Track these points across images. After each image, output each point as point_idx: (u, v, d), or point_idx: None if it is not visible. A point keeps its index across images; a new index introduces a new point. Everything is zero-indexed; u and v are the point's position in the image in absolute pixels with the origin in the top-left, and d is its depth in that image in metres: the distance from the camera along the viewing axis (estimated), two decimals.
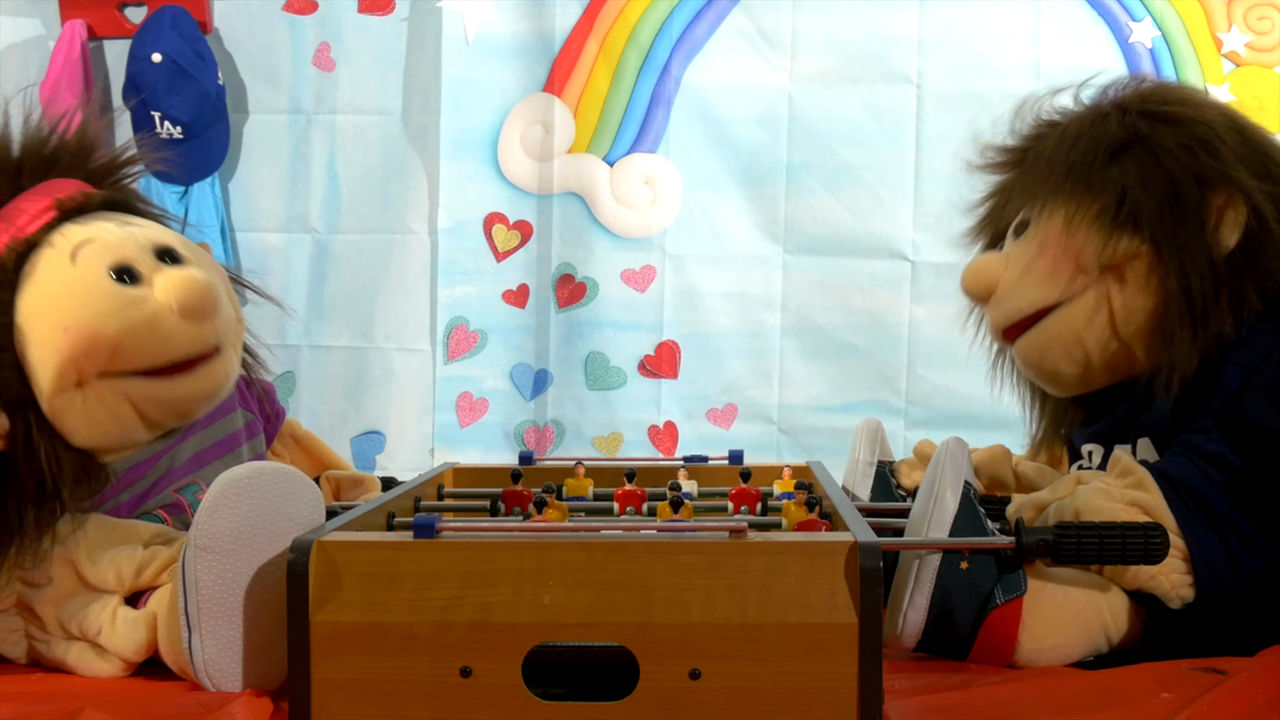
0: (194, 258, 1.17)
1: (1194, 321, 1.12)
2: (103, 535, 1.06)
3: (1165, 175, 1.15)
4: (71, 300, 1.08)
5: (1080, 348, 1.19)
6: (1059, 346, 1.20)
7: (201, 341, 1.11)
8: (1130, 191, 1.15)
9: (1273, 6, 2.16)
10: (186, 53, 2.15)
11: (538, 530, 0.92)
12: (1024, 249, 1.22)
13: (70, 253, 1.10)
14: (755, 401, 2.23)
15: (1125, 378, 1.20)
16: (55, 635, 1.05)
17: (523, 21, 2.23)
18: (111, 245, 1.11)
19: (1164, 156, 1.15)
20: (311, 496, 0.96)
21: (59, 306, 1.07)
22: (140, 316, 1.08)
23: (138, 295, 1.09)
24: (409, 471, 1.88)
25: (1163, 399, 1.13)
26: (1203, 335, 1.12)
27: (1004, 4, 2.18)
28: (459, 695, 0.85)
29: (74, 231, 1.12)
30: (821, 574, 0.85)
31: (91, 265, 1.09)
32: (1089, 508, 1.04)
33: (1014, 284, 1.22)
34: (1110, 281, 1.17)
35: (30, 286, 1.08)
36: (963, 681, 0.96)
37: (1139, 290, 1.16)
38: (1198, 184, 1.14)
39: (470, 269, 2.25)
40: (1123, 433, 1.19)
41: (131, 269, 1.10)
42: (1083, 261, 1.17)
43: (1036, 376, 1.27)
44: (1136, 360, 1.18)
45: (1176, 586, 1.04)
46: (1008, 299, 1.22)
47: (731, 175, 2.22)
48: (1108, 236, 1.16)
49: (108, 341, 1.07)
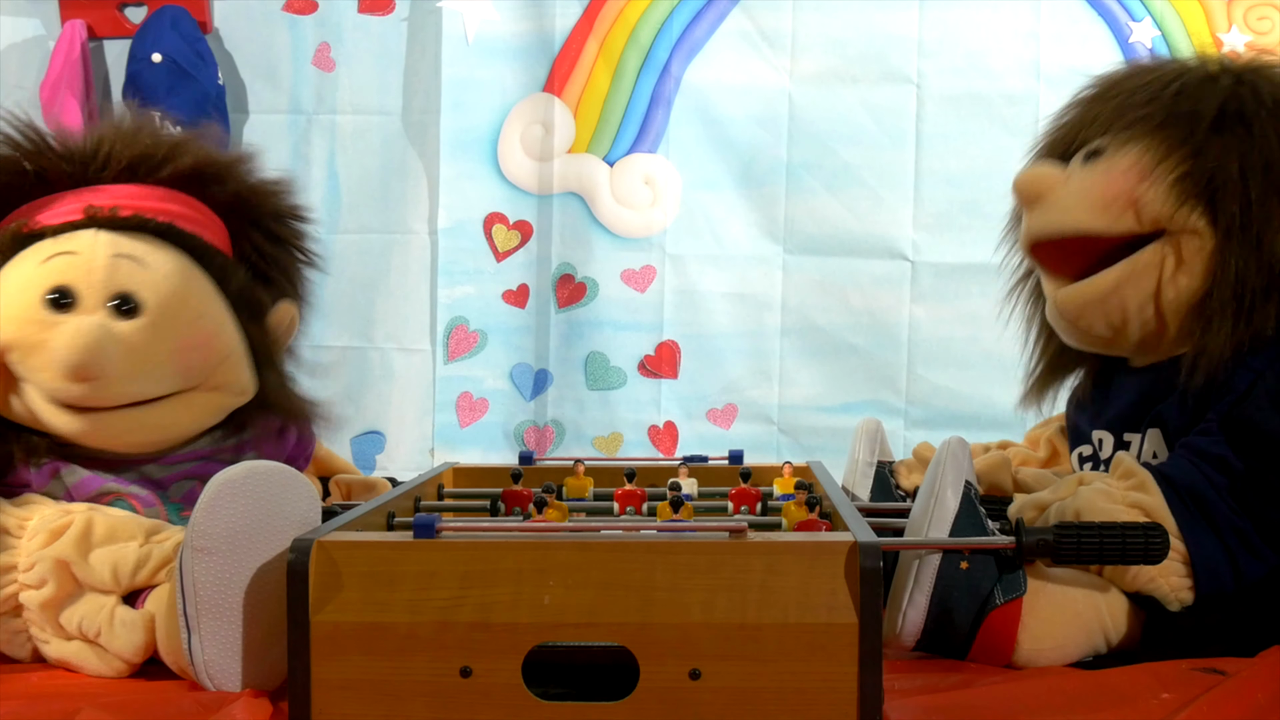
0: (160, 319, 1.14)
1: (1238, 314, 1.11)
2: (93, 533, 1.05)
3: (1262, 164, 1.13)
4: (6, 292, 1.13)
5: (1120, 313, 1.18)
6: (1100, 310, 1.19)
7: (70, 395, 1.12)
8: (1223, 170, 1.13)
9: (1273, 6, 2.16)
10: (186, 53, 2.15)
11: (538, 530, 0.92)
12: (1089, 172, 1.19)
13: (49, 255, 1.14)
14: (755, 401, 2.23)
15: (1149, 356, 1.20)
16: (55, 636, 1.05)
17: (523, 21, 2.23)
18: (76, 267, 1.13)
19: (1263, 143, 1.13)
20: (307, 495, 0.95)
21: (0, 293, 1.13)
22: (31, 338, 1.11)
23: (46, 320, 1.11)
24: (409, 471, 1.88)
25: (1186, 383, 1.12)
26: (1241, 330, 1.11)
27: (1004, 4, 2.18)
28: (459, 695, 0.85)
29: (77, 239, 1.15)
30: (821, 574, 0.85)
31: (44, 275, 1.13)
32: (1090, 508, 1.04)
33: (1064, 199, 1.19)
34: (1167, 252, 1.15)
35: (9, 266, 1.15)
36: (962, 681, 0.96)
37: (1192, 274, 1.14)
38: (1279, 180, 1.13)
39: (470, 269, 2.25)
40: (1135, 420, 1.19)
41: (71, 295, 1.13)
42: (1141, 209, 1.15)
43: (1066, 329, 1.25)
44: (1166, 339, 1.17)
45: (1176, 589, 1.04)
46: (1052, 210, 1.20)
47: (731, 175, 2.22)
48: (1180, 202, 1.14)
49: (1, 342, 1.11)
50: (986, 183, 2.15)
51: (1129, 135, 1.19)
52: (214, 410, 1.21)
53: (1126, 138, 1.19)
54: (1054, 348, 1.32)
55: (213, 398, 1.20)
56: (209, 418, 1.21)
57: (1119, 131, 1.20)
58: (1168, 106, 1.18)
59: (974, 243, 2.14)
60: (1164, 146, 1.16)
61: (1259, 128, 1.14)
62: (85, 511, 1.07)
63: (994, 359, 2.11)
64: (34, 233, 1.15)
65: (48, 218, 1.17)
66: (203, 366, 1.18)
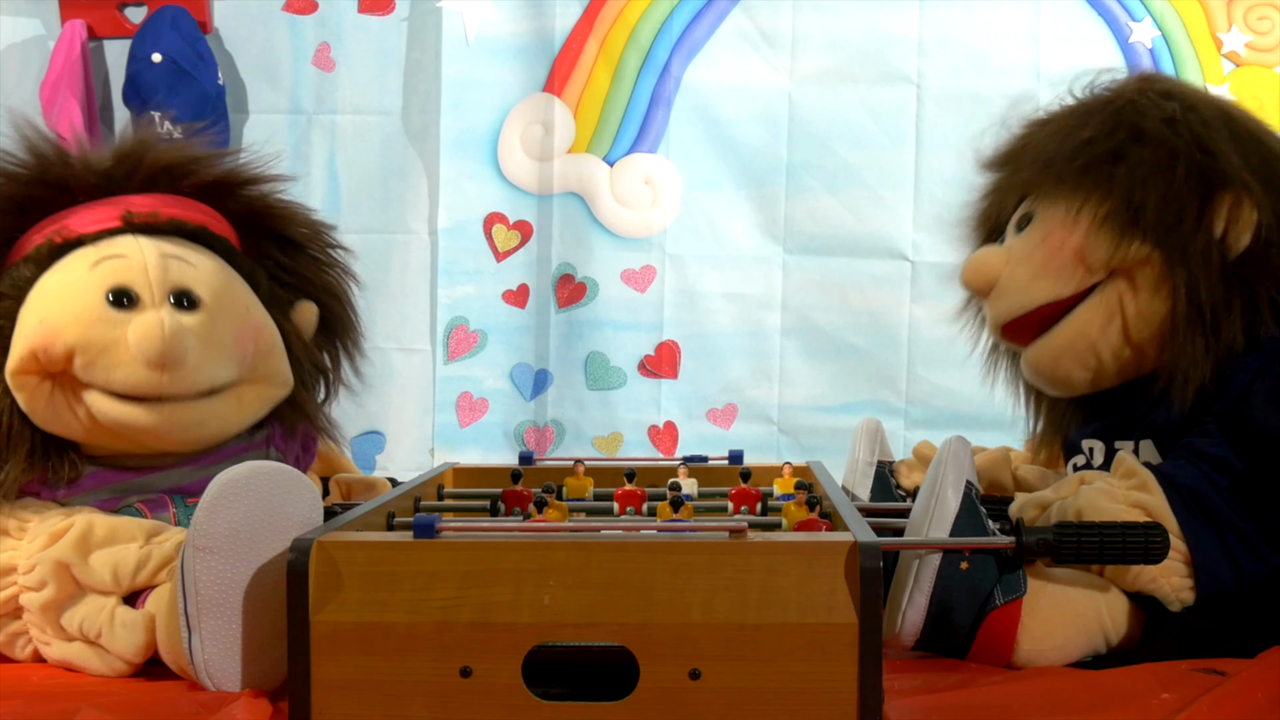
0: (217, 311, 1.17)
1: (1205, 330, 1.11)
2: (92, 534, 1.06)
3: (1170, 178, 1.13)
4: (60, 298, 1.12)
5: (1094, 355, 1.18)
6: (1072, 355, 1.19)
7: (150, 386, 1.12)
8: (1136, 195, 1.13)
9: (1273, 6, 2.16)
10: (186, 53, 2.15)
11: (538, 530, 0.92)
12: (1026, 242, 1.20)
13: (96, 260, 1.14)
14: (755, 401, 2.23)
15: (1134, 377, 1.20)
16: (57, 638, 1.05)
17: (523, 21, 2.23)
18: (129, 268, 1.14)
19: (1168, 157, 1.13)
20: (309, 495, 0.96)
21: (50, 300, 1.12)
22: (102, 337, 1.11)
23: (111, 317, 1.11)
24: (409, 471, 1.87)
25: (1177, 406, 1.12)
26: (1215, 345, 1.11)
27: (1004, 4, 2.18)
28: (459, 695, 0.85)
29: (120, 244, 1.16)
30: (821, 574, 0.85)
31: (99, 278, 1.13)
32: (1091, 508, 1.04)
33: (1016, 279, 1.20)
34: (1123, 287, 1.15)
35: (50, 275, 1.14)
36: (962, 681, 0.96)
37: (1151, 296, 1.14)
38: (1204, 186, 1.13)
39: (470, 269, 2.25)
40: (1126, 430, 1.19)
41: (131, 295, 1.13)
42: (1088, 260, 1.16)
43: (1046, 384, 1.25)
44: (1147, 361, 1.17)
45: (1177, 589, 1.03)
46: (1009, 294, 1.21)
47: (731, 175, 2.22)
48: (1117, 240, 1.14)
49: (64, 345, 1.10)
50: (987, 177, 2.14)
51: (1049, 191, 1.20)
52: (262, 402, 1.23)
53: (1048, 194, 1.20)
54: (1047, 403, 1.33)
55: (261, 390, 1.22)
56: (257, 410, 1.23)
57: (1039, 191, 1.21)
58: (1075, 152, 1.18)
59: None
60: (1082, 192, 1.17)
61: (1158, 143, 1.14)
62: (85, 514, 1.08)
63: None
64: (70, 241, 1.15)
65: (82, 225, 1.17)
66: (255, 357, 1.20)
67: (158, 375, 1.11)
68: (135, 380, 1.11)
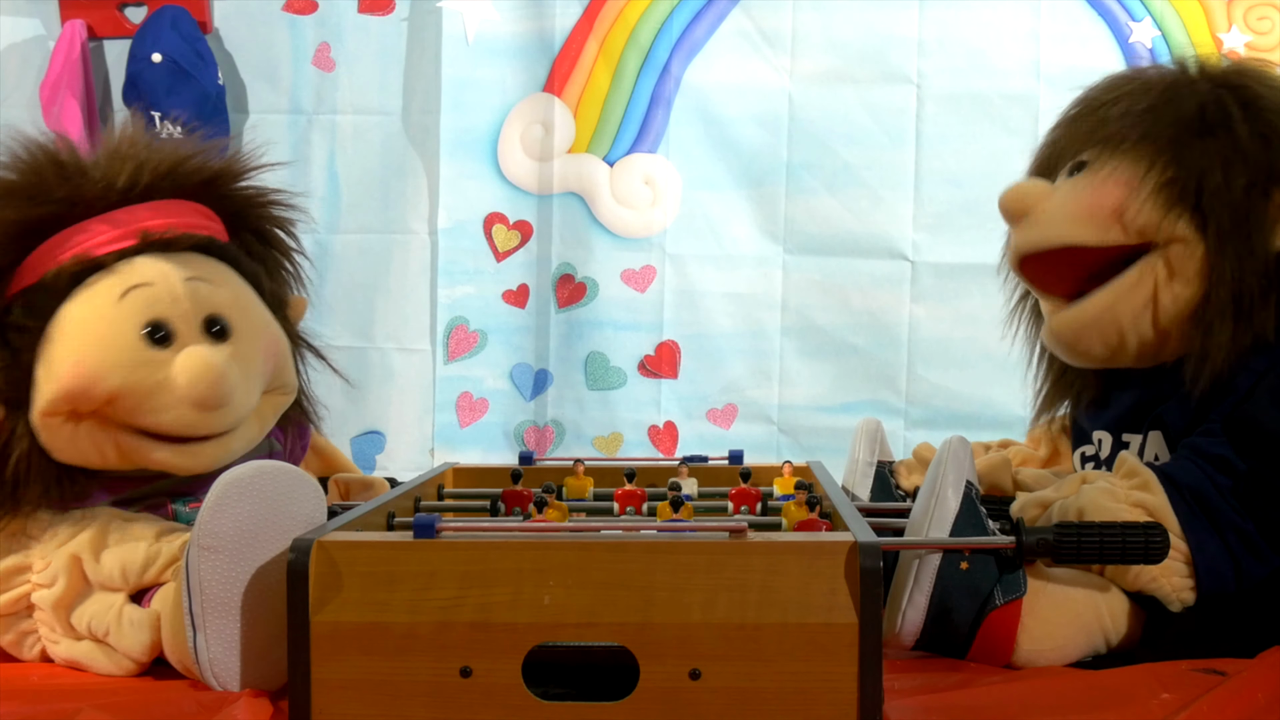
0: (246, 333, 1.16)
1: (1238, 318, 1.11)
2: (108, 533, 1.06)
3: (1244, 167, 1.12)
4: (94, 338, 1.09)
5: (1118, 334, 1.18)
6: (1096, 331, 1.19)
7: (198, 428, 1.12)
8: (1207, 175, 1.13)
9: (1273, 6, 2.16)
10: (186, 53, 2.15)
11: (538, 530, 0.92)
12: (1074, 185, 1.20)
13: (122, 290, 1.11)
14: (755, 401, 2.22)
15: (1150, 363, 1.20)
16: (66, 636, 1.06)
17: (523, 21, 2.23)
18: (160, 298, 1.12)
19: (1244, 145, 1.13)
20: (313, 495, 0.96)
21: (82, 338, 1.09)
22: (145, 381, 1.09)
23: (154, 359, 1.10)
24: (409, 471, 1.87)
25: (1191, 389, 1.12)
26: (1242, 334, 1.11)
27: (1004, 4, 2.18)
28: (459, 695, 0.85)
29: (142, 268, 1.13)
30: (821, 574, 0.85)
31: (131, 312, 1.10)
32: (1093, 507, 1.04)
33: (1050, 212, 1.19)
34: (1159, 269, 1.15)
35: (73, 305, 1.10)
36: (962, 681, 0.96)
37: (1186, 281, 1.14)
38: (1266, 178, 1.12)
39: (470, 269, 2.25)
40: (1136, 422, 1.19)
41: (167, 330, 1.11)
42: (1127, 220, 1.15)
43: (1064, 353, 1.25)
44: (1167, 347, 1.17)
45: (1178, 589, 1.03)
46: (1039, 225, 1.20)
47: (731, 175, 2.22)
48: (1166, 211, 1.14)
49: (105, 391, 1.08)
50: (986, 183, 2.13)
51: (1113, 147, 1.19)
52: (276, 411, 1.24)
53: (1111, 150, 1.19)
54: (1057, 366, 1.33)
55: (274, 400, 1.23)
56: (272, 421, 1.23)
57: (1103, 144, 1.20)
58: (1148, 116, 1.18)
59: (974, 243, 2.13)
60: (1147, 156, 1.16)
61: (1239, 130, 1.14)
62: (104, 515, 1.09)
63: (994, 359, 2.11)
64: (89, 265, 1.12)
65: (98, 247, 1.13)
66: (274, 367, 1.20)
67: (205, 417, 1.11)
68: (184, 423, 1.11)
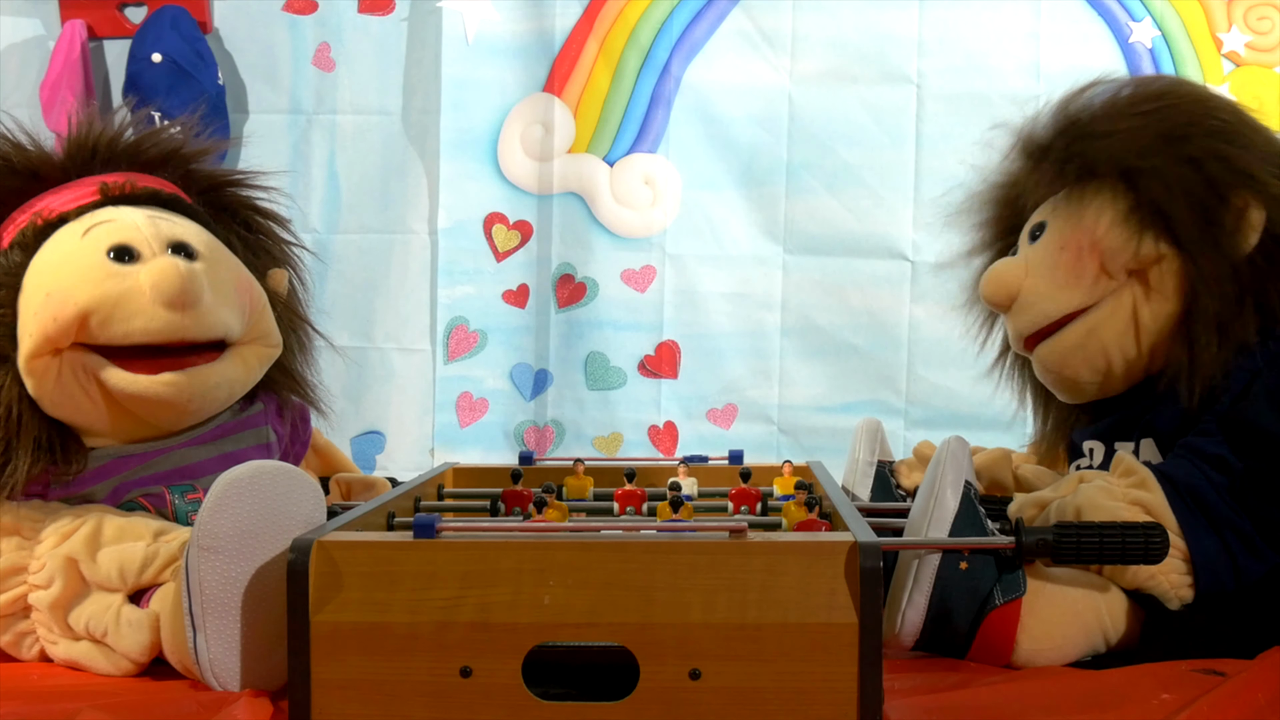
0: (214, 261, 1.18)
1: (1218, 327, 1.12)
2: (103, 533, 1.06)
3: (1192, 177, 1.13)
4: (61, 268, 1.11)
5: (1104, 357, 1.18)
6: (1081, 356, 1.19)
7: (171, 329, 1.11)
8: (1157, 194, 1.14)
9: (1273, 6, 2.16)
10: (186, 53, 2.15)
11: (538, 530, 0.92)
12: (1044, 252, 1.20)
13: (85, 229, 1.14)
14: (755, 401, 2.23)
15: (1139, 380, 1.20)
16: (64, 636, 1.06)
17: (523, 21, 2.23)
18: (124, 228, 1.14)
19: (1188, 158, 1.14)
20: (313, 495, 0.96)
21: (51, 273, 1.11)
22: (113, 289, 1.10)
23: (120, 270, 1.11)
24: (409, 471, 1.88)
25: (1184, 404, 1.12)
26: (1226, 343, 1.11)
27: (1004, 4, 2.18)
28: (459, 695, 0.85)
29: (102, 214, 1.16)
30: (821, 574, 0.85)
31: (95, 241, 1.12)
32: (1091, 506, 1.04)
33: (1038, 291, 1.20)
34: (1137, 291, 1.16)
35: (41, 254, 1.13)
36: (962, 681, 0.96)
37: (1164, 297, 1.15)
38: (1220, 185, 1.13)
39: (470, 269, 2.25)
40: (1127, 431, 1.19)
41: (132, 250, 1.13)
42: (1107, 264, 1.16)
43: (1054, 384, 1.25)
44: (1154, 364, 1.18)
45: (1176, 587, 1.04)
46: (1032, 306, 1.21)
47: (731, 175, 2.22)
48: (1132, 238, 1.14)
49: (76, 307, 1.08)
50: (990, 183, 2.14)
51: (1062, 197, 1.20)
52: (261, 362, 1.23)
53: (1061, 200, 1.20)
54: (1055, 406, 1.33)
55: (258, 350, 1.22)
56: (258, 371, 1.23)
57: (1051, 199, 1.21)
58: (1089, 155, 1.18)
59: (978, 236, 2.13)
60: (1097, 193, 1.17)
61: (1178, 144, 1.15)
62: (97, 513, 1.08)
63: None
64: (53, 221, 1.15)
65: (61, 205, 1.17)
66: (252, 311, 1.20)
67: (178, 317, 1.11)
68: (157, 325, 1.10)
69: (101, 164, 1.23)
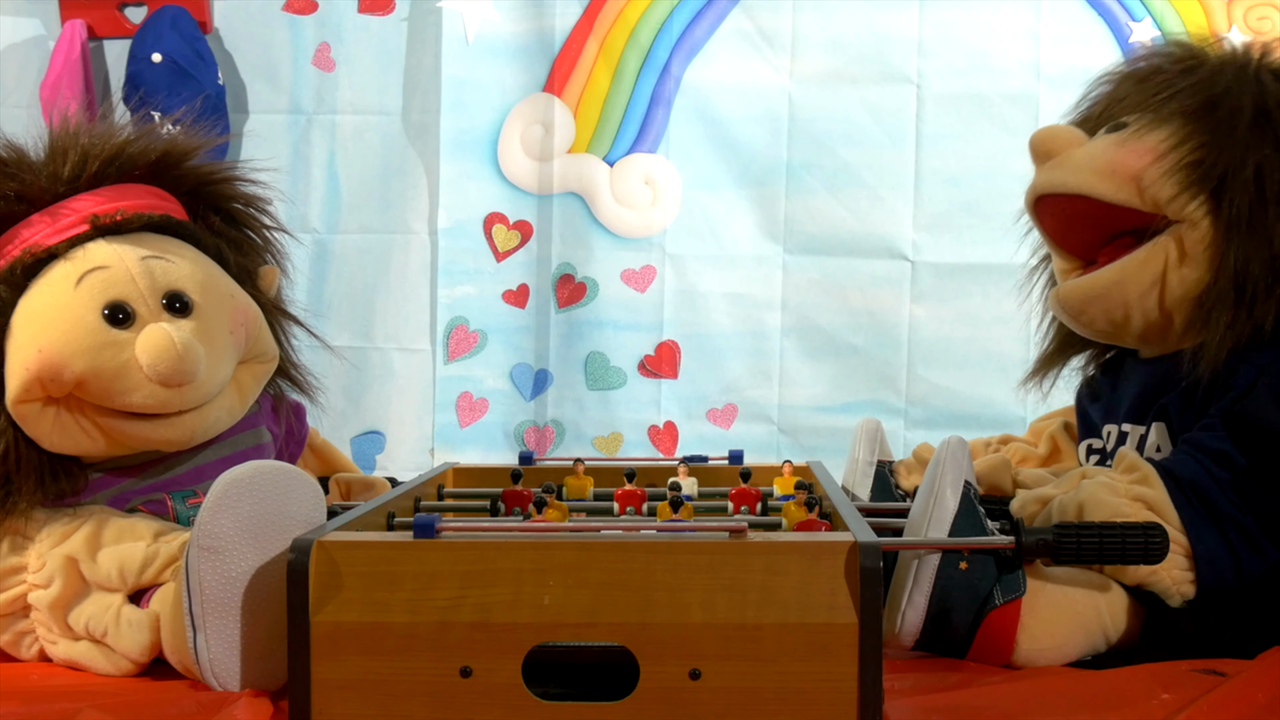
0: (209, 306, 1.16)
1: (1238, 306, 1.12)
2: (103, 533, 1.06)
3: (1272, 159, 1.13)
4: (55, 324, 1.09)
5: (1123, 309, 1.19)
6: (1101, 306, 1.20)
7: (167, 404, 1.12)
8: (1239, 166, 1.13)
9: (1273, 6, 2.16)
10: (186, 53, 2.15)
11: (538, 530, 0.92)
12: (1106, 141, 1.21)
13: (78, 276, 1.11)
14: (755, 401, 2.23)
15: (1156, 348, 1.20)
16: (64, 636, 1.06)
17: (523, 21, 2.23)
18: (118, 280, 1.12)
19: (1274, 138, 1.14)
20: (313, 495, 0.96)
21: (43, 325, 1.09)
22: (110, 363, 1.09)
23: (116, 339, 1.10)
24: (409, 471, 1.88)
25: (1187, 374, 1.12)
26: (1242, 323, 1.11)
27: (1004, 4, 2.18)
28: (459, 695, 0.85)
29: (95, 252, 1.13)
30: (821, 574, 0.85)
31: (88, 296, 1.10)
32: (1093, 502, 1.04)
33: (1074, 158, 1.21)
34: (1171, 249, 1.15)
35: (31, 295, 1.11)
36: (962, 681, 0.96)
37: (1195, 264, 1.14)
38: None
39: (470, 269, 2.25)
40: (1141, 412, 1.19)
41: (127, 309, 1.11)
42: (1144, 187, 1.16)
43: (1069, 321, 1.26)
44: (1170, 332, 1.18)
45: (1178, 583, 1.04)
46: (1060, 168, 1.21)
47: (731, 175, 2.22)
48: (1182, 189, 1.14)
49: (72, 375, 1.08)
50: (986, 183, 2.15)
51: (1155, 117, 1.20)
52: (257, 381, 1.23)
53: (1153, 119, 1.20)
54: (1065, 330, 1.34)
55: (253, 369, 1.22)
56: (254, 390, 1.23)
57: (1147, 111, 1.21)
58: (1197, 95, 1.18)
59: (974, 243, 2.14)
60: (1182, 132, 1.17)
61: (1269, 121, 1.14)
62: (97, 514, 1.08)
63: (994, 359, 2.12)
64: (42, 257, 1.12)
65: (48, 237, 1.14)
66: (247, 340, 1.20)
67: (175, 393, 1.11)
68: (153, 402, 1.11)
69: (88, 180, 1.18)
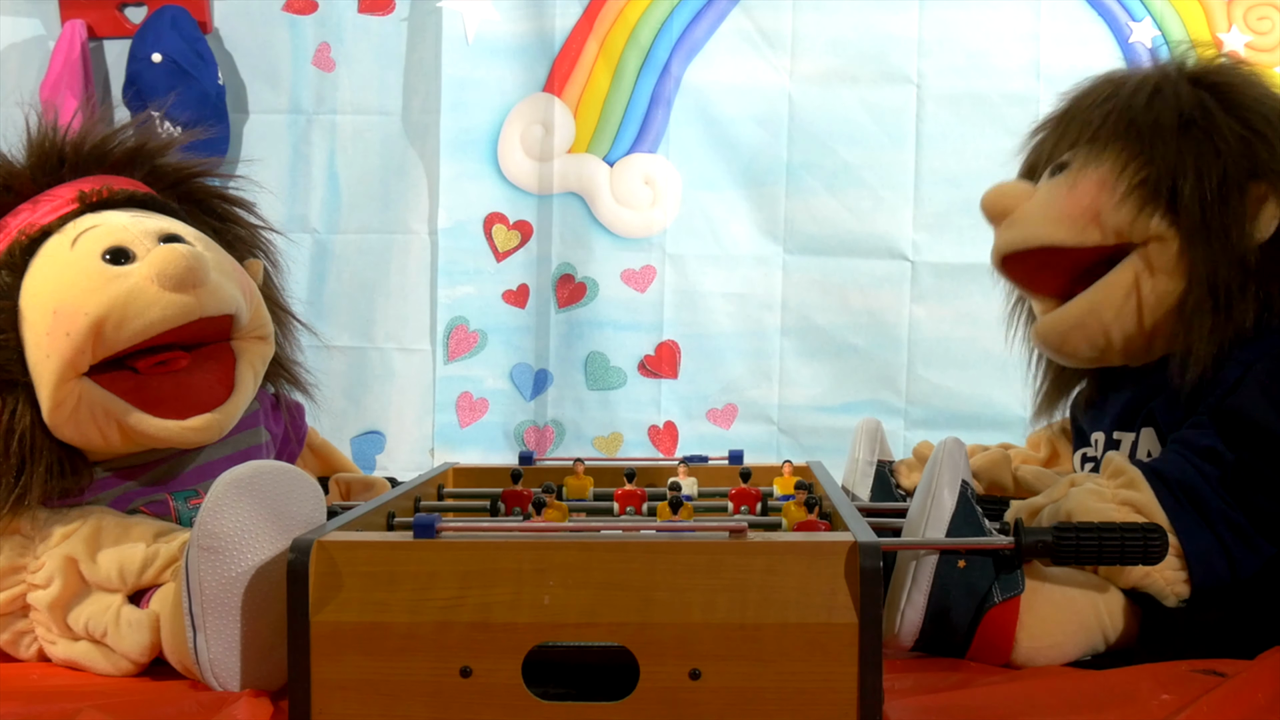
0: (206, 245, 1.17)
1: (1216, 311, 1.12)
2: (103, 533, 1.06)
3: (1221, 166, 1.13)
4: (61, 282, 1.10)
5: (1104, 335, 1.19)
6: (1081, 333, 1.20)
7: (186, 312, 1.10)
8: (1182, 175, 1.14)
9: (1273, 6, 2.16)
10: (186, 53, 2.15)
11: (538, 530, 0.92)
12: (1054, 186, 1.22)
13: (73, 239, 1.12)
14: (755, 401, 2.23)
15: (1140, 361, 1.21)
16: (63, 637, 1.06)
17: (523, 21, 2.23)
18: (113, 230, 1.13)
19: (1221, 144, 1.14)
20: (313, 495, 0.96)
21: (51, 289, 1.10)
22: (119, 290, 1.08)
23: (122, 271, 1.10)
24: (409, 471, 1.88)
25: (1176, 384, 1.13)
26: (1222, 326, 1.12)
27: (1004, 4, 2.18)
28: (459, 695, 0.85)
29: (85, 220, 1.14)
30: (821, 574, 0.85)
31: (87, 249, 1.11)
32: (1081, 509, 1.05)
33: (1029, 214, 1.21)
34: (1140, 268, 1.16)
35: (33, 271, 1.12)
36: (962, 681, 0.96)
37: (1167, 277, 1.15)
38: (1240, 172, 1.13)
39: (470, 269, 2.25)
40: (1130, 420, 1.20)
41: (126, 250, 1.12)
42: (1104, 219, 1.17)
43: (1053, 354, 1.27)
44: (1155, 345, 1.18)
45: (1171, 583, 1.04)
46: (1018, 225, 1.22)
47: (731, 175, 2.22)
48: (1140, 209, 1.15)
49: (87, 318, 1.07)
50: (986, 183, 2.12)
51: (1091, 149, 1.21)
52: (263, 360, 1.23)
53: (1089, 151, 1.21)
54: (1055, 366, 1.34)
55: (257, 346, 1.22)
56: (262, 369, 1.23)
57: (1083, 145, 1.22)
58: (1126, 116, 1.19)
59: (974, 243, 2.14)
60: (1123, 157, 1.18)
61: (1215, 127, 1.15)
62: (97, 514, 1.08)
63: (994, 359, 2.11)
64: (36, 236, 1.14)
65: (41, 218, 1.16)
66: (248, 296, 1.19)
67: (190, 297, 1.10)
68: (172, 311, 1.09)
69: (70, 170, 1.21)
